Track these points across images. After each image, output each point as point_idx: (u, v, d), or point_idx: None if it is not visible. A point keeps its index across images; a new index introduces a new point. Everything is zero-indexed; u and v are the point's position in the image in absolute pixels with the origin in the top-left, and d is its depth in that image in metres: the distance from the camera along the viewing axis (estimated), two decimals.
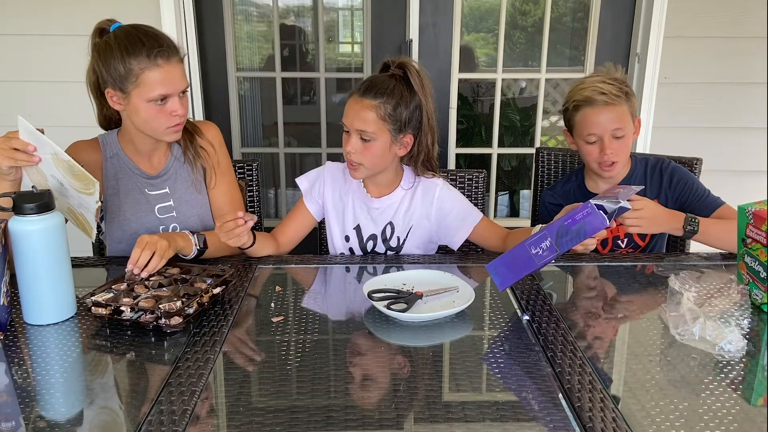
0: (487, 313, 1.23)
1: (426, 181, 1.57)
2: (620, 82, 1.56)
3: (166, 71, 1.34)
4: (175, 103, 1.37)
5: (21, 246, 1.09)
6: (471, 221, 1.54)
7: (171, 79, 1.35)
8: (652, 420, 0.85)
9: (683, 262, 1.47)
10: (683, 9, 2.47)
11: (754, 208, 1.20)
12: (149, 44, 1.33)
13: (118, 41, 1.34)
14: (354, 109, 1.43)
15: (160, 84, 1.33)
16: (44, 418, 0.87)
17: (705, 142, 2.56)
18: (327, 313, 1.25)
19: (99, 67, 1.36)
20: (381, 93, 1.40)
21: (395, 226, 1.56)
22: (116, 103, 1.39)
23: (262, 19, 3.02)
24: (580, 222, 1.12)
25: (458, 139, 2.84)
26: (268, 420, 0.85)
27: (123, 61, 1.32)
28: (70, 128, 2.44)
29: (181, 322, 1.09)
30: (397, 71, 1.44)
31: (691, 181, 1.62)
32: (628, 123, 1.56)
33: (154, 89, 1.33)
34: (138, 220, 1.50)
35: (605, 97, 1.52)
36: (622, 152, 1.58)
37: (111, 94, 1.37)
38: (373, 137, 1.42)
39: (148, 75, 1.32)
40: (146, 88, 1.33)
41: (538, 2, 3.04)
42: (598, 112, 1.54)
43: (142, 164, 1.51)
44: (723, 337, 1.04)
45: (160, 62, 1.33)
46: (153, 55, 1.32)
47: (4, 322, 1.11)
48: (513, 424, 0.85)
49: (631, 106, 1.57)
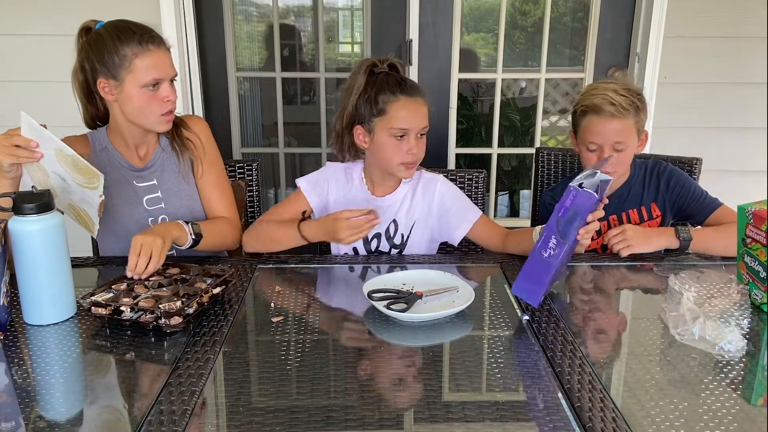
0: (487, 313, 1.23)
1: (426, 177, 1.59)
2: (634, 94, 1.54)
3: (158, 56, 1.38)
4: (167, 89, 1.41)
5: (21, 246, 1.09)
6: (471, 217, 1.55)
7: (162, 63, 1.39)
8: (652, 420, 0.85)
9: (683, 262, 1.47)
10: (683, 9, 2.47)
11: (754, 208, 1.20)
12: (139, 32, 1.37)
13: (109, 32, 1.38)
14: (415, 110, 1.45)
15: (152, 68, 1.37)
16: (44, 418, 0.87)
17: (705, 142, 2.56)
18: (327, 313, 1.25)
19: (90, 61, 1.39)
20: (422, 91, 1.47)
21: (398, 224, 1.57)
22: (108, 94, 1.40)
23: (262, 19, 3.02)
24: (571, 207, 1.12)
25: (458, 139, 2.84)
26: (268, 420, 0.85)
27: (116, 49, 1.35)
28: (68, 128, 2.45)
29: (181, 322, 1.09)
30: (389, 69, 1.48)
31: (688, 184, 1.62)
32: (631, 137, 1.54)
33: (148, 73, 1.37)
34: (127, 212, 1.51)
35: (614, 108, 1.50)
36: (620, 166, 1.58)
37: (103, 85, 1.39)
38: (425, 132, 1.48)
39: (141, 60, 1.36)
40: (140, 72, 1.36)
41: (538, 2, 3.04)
42: (604, 122, 1.52)
43: (130, 157, 1.52)
44: (723, 337, 1.04)
45: (151, 47, 1.37)
46: (144, 41, 1.36)
47: (4, 322, 1.11)
48: (513, 424, 0.85)
49: (638, 120, 1.54)
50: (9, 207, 1.10)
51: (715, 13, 2.48)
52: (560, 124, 3.56)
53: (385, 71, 1.47)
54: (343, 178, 1.60)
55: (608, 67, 2.70)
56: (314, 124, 2.97)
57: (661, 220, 1.64)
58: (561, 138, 3.54)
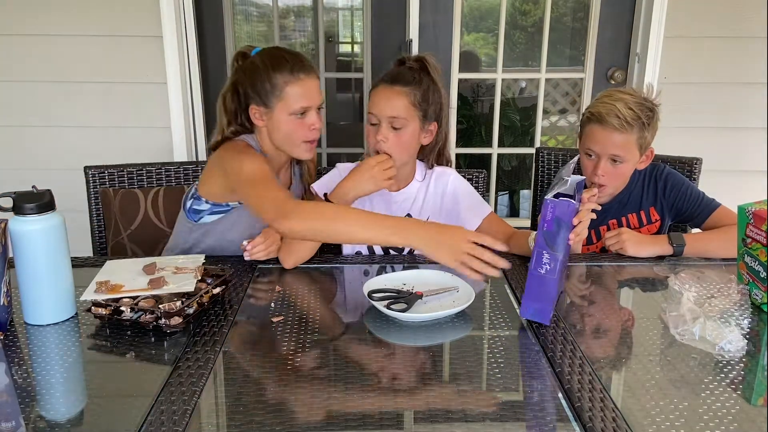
0: (487, 313, 1.23)
1: (438, 171, 1.60)
2: (645, 110, 1.50)
3: (308, 85, 1.44)
4: (314, 116, 1.46)
5: (21, 246, 1.09)
6: (481, 213, 1.56)
7: (311, 92, 1.44)
8: (652, 420, 0.85)
9: (683, 262, 1.47)
10: (683, 9, 2.47)
11: (754, 208, 1.20)
12: (292, 61, 1.43)
13: (263, 60, 1.44)
14: (384, 97, 1.45)
15: (301, 97, 1.43)
16: (44, 418, 0.87)
17: (705, 142, 2.56)
18: (327, 313, 1.25)
19: (244, 86, 1.46)
20: (409, 81, 1.45)
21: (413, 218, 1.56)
22: (259, 119, 1.46)
23: (262, 19, 3.02)
24: (554, 220, 1.12)
25: (458, 138, 2.84)
26: (268, 420, 0.85)
27: (269, 77, 1.42)
28: (75, 128, 2.46)
29: (181, 322, 1.09)
30: (414, 64, 1.49)
31: (685, 187, 1.62)
32: (630, 152, 1.52)
33: (297, 102, 1.43)
34: (246, 230, 1.51)
35: (618, 121, 1.48)
36: (614, 179, 1.56)
37: (254, 111, 1.46)
38: (404, 124, 1.45)
39: (291, 89, 1.42)
40: (289, 101, 1.42)
41: (538, 2, 3.04)
42: (605, 132, 1.51)
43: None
44: (723, 336, 1.04)
45: (302, 76, 1.43)
46: (296, 69, 1.42)
47: (4, 322, 1.11)
48: (513, 424, 0.85)
49: (642, 136, 1.51)
50: (9, 207, 1.10)
51: (715, 13, 2.47)
52: (560, 124, 3.56)
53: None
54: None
55: (608, 67, 2.70)
56: None
57: (660, 224, 1.64)
58: (561, 138, 3.54)
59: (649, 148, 1.57)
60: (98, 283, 1.17)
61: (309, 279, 1.41)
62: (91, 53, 2.39)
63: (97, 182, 1.82)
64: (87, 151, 2.41)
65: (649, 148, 1.57)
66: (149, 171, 1.85)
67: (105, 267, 1.27)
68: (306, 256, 1.44)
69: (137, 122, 2.46)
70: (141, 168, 1.85)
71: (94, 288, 1.16)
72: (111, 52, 2.39)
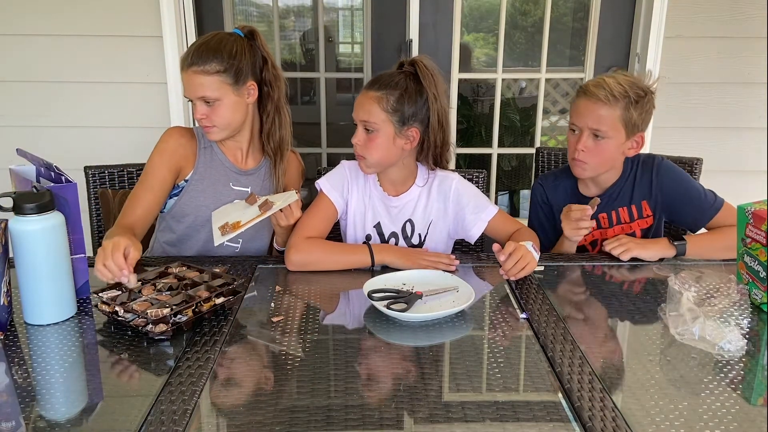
0: (487, 313, 1.23)
1: (441, 176, 1.58)
2: (636, 88, 1.46)
3: (186, 77, 1.47)
4: (198, 108, 1.48)
5: (21, 246, 1.09)
6: (487, 215, 1.55)
7: (189, 84, 1.48)
8: (652, 420, 0.85)
9: (683, 263, 1.47)
10: (683, 9, 2.47)
11: (754, 208, 1.20)
12: (189, 51, 1.47)
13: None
14: (360, 102, 1.47)
15: (185, 86, 1.49)
16: (44, 418, 0.87)
17: (705, 142, 2.56)
18: (327, 313, 1.25)
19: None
20: (385, 85, 1.45)
21: (414, 224, 1.56)
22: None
23: (262, 19, 3.02)
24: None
25: (458, 139, 2.85)
26: (268, 420, 0.86)
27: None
28: (75, 128, 2.46)
29: (166, 330, 1.07)
30: (408, 68, 1.48)
31: (684, 187, 1.55)
32: (614, 129, 1.47)
33: (185, 90, 1.50)
34: (210, 187, 1.57)
35: (603, 93, 1.45)
36: (594, 156, 1.51)
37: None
38: (376, 128, 1.44)
39: (182, 76, 1.50)
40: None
41: (538, 2, 3.04)
42: (588, 104, 1.48)
43: (234, 159, 1.61)
44: (723, 336, 1.04)
45: (185, 68, 1.47)
46: (184, 61, 1.47)
47: (4, 322, 1.11)
48: (513, 424, 0.85)
49: (628, 114, 1.46)
50: (9, 207, 1.10)
51: (715, 13, 2.48)
52: (560, 124, 3.57)
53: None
54: (361, 176, 1.58)
55: (608, 67, 2.70)
56: (314, 124, 2.97)
57: (652, 221, 1.59)
58: (561, 138, 3.54)
59: (639, 133, 1.51)
60: (220, 228, 1.34)
61: (309, 279, 1.41)
62: (91, 53, 2.40)
63: (97, 182, 1.82)
64: (87, 151, 2.40)
65: (639, 133, 1.51)
66: None
67: (213, 216, 1.46)
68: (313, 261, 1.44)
69: (137, 122, 2.46)
70: (141, 168, 1.84)
71: (220, 233, 1.34)
72: (111, 52, 2.39)
